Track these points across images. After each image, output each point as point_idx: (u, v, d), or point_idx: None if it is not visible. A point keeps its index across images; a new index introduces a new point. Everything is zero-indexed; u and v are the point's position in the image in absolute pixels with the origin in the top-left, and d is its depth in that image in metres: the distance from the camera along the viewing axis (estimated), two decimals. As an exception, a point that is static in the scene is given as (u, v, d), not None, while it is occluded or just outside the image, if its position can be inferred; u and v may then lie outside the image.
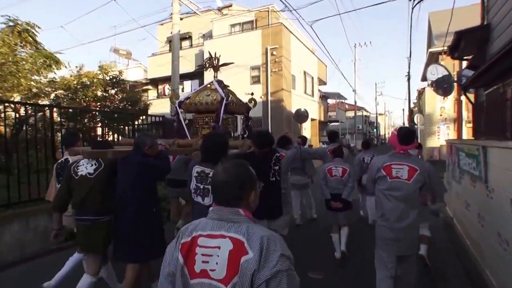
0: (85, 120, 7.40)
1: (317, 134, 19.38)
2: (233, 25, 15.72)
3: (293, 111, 14.26)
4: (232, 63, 4.58)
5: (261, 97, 14.12)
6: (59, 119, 5.54)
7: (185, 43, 17.94)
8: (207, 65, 3.76)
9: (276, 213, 2.70)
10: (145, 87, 19.61)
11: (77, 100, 7.90)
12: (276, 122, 13.83)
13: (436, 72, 6.36)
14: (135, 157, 2.37)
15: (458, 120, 10.48)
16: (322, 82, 21.41)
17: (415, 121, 12.08)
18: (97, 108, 8.06)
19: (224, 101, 3.29)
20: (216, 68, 3.70)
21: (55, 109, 5.42)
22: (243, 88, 15.39)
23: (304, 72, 16.74)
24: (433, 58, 13.62)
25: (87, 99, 7.98)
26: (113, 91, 8.73)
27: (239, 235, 0.94)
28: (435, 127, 13.16)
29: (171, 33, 8.46)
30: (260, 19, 14.95)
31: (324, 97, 23.55)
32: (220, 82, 3.57)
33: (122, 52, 22.53)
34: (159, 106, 17.69)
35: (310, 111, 15.35)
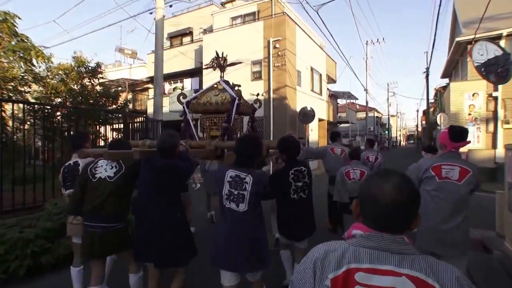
0: (57, 118, 6.39)
1: (325, 135, 18.02)
2: (234, 18, 14.64)
3: (298, 110, 13.03)
4: (240, 62, 5.16)
5: (262, 95, 12.92)
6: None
7: (186, 39, 17.00)
8: (214, 65, 3.61)
9: (305, 232, 2.61)
10: (146, 86, 18.76)
11: (48, 95, 6.87)
12: (278, 122, 12.63)
13: (485, 52, 4.64)
14: (160, 159, 2.22)
15: (493, 120, 9.03)
16: (331, 80, 20.04)
17: (438, 121, 10.61)
18: (67, 105, 7.02)
19: (236, 101, 3.17)
20: (223, 68, 3.58)
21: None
22: (243, 85, 14.13)
23: (311, 68, 15.47)
24: (459, 49, 12.11)
25: (57, 93, 6.96)
26: (90, 86, 7.67)
27: (418, 272, 0.77)
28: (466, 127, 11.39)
29: (154, 18, 7.38)
30: (263, 10, 13.80)
31: (333, 96, 22.17)
32: (227, 82, 3.46)
33: (127, 52, 22.01)
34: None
35: (317, 110, 14.08)
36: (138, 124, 6.85)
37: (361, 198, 0.89)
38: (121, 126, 7.05)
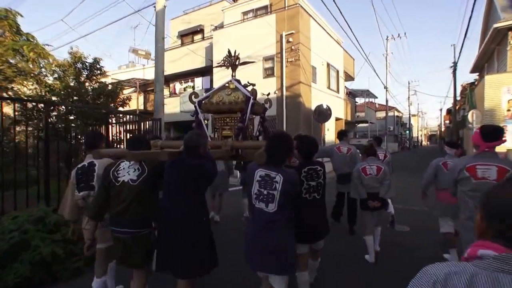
0: (52, 117, 5.93)
1: (342, 135, 17.05)
2: (245, 13, 14.00)
3: (313, 108, 12.20)
4: (252, 62, 5.16)
5: (275, 92, 12.22)
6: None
7: (197, 37, 16.53)
8: (226, 64, 3.55)
9: (320, 234, 2.52)
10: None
11: (42, 93, 6.43)
12: (292, 121, 11.85)
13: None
14: (190, 160, 2.13)
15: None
16: (349, 78, 19.01)
17: (469, 119, 9.47)
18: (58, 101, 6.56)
19: (251, 100, 3.10)
20: (234, 67, 3.54)
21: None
22: (255, 82, 13.44)
23: (328, 64, 14.57)
24: (497, 37, 10.85)
25: (52, 91, 6.50)
26: (87, 83, 7.20)
27: None
28: (500, 126, 10.22)
29: (155, 8, 6.82)
30: (275, 3, 13.08)
31: (351, 94, 21.09)
32: (239, 81, 3.41)
33: (141, 53, 21.95)
34: (171, 106, 16.41)
35: (334, 109, 13.15)
36: (135, 123, 6.28)
37: (491, 210, 0.75)
38: (121, 126, 6.52)
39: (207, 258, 2.16)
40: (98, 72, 7.72)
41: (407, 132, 43.66)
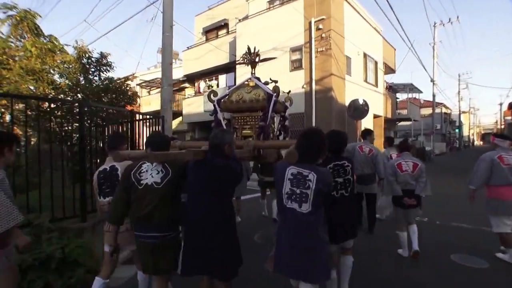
0: (57, 117, 5.36)
1: (381, 135, 15.16)
2: (271, 1, 12.86)
3: (346, 103, 10.73)
4: (273, 58, 4.65)
5: (303, 87, 10.95)
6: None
7: (222, 32, 15.77)
8: (245, 61, 3.45)
9: (350, 233, 2.43)
10: (182, 85, 18.09)
11: (44, 91, 5.92)
12: (322, 119, 10.49)
13: None
14: (217, 160, 2.02)
15: None
16: (389, 70, 16.97)
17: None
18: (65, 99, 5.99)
19: (274, 98, 3.00)
20: (254, 64, 3.45)
21: None
22: (281, 76, 12.38)
23: (364, 54, 12.92)
24: None
25: (55, 89, 5.97)
26: (95, 77, 6.59)
27: None
28: None
29: (160, -9, 5.99)
30: (304, -12, 11.77)
31: (391, 88, 18.92)
32: (258, 79, 3.33)
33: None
34: (196, 105, 15.89)
35: (372, 104, 11.54)
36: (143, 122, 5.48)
37: None
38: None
39: (236, 261, 2.06)
40: (107, 67, 7.12)
41: (457, 130, 39.32)
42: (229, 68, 14.47)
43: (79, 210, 3.76)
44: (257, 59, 3.52)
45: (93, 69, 6.85)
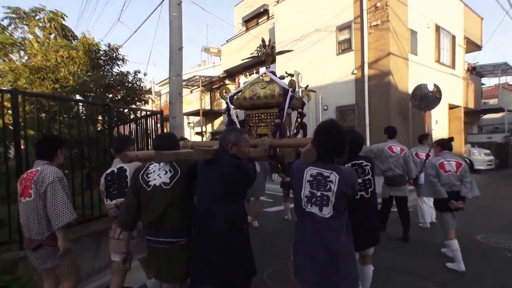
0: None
1: (461, 130, 12.00)
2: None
3: (410, 91, 8.38)
4: (290, 51, 4.42)
5: (353, 73, 8.95)
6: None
7: (262, 20, 14.43)
8: (259, 54, 3.31)
9: (371, 239, 2.31)
10: (222, 82, 17.35)
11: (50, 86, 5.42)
12: (378, 111, 8.39)
13: None
14: (227, 159, 1.91)
15: None
16: (472, 46, 13.37)
17: None
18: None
19: (290, 93, 2.87)
20: (269, 58, 3.26)
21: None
22: (326, 61, 10.45)
23: (437, 27, 10.15)
24: None
25: (63, 87, 5.45)
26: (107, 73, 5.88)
27: None
28: None
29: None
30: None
31: (475, 71, 15.11)
32: (274, 73, 3.15)
33: (213, 51, 21.58)
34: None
35: (446, 91, 8.96)
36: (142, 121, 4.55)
37: None
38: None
39: (250, 269, 1.94)
40: (117, 61, 6.43)
41: None
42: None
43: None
44: (274, 52, 3.35)
45: (102, 63, 6.17)
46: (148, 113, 4.76)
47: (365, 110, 8.55)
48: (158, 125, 4.45)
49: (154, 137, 4.21)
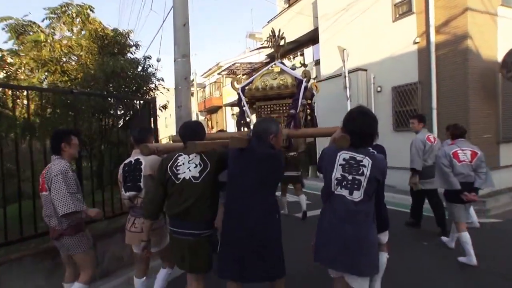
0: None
1: None
2: None
3: (500, 58, 6.14)
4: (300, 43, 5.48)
5: (415, 42, 7.06)
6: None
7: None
8: (269, 45, 3.48)
9: (383, 225, 2.02)
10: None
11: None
12: (450, 89, 6.45)
13: None
14: (262, 149, 1.92)
15: None
16: None
17: None
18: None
19: (304, 83, 2.96)
20: (279, 48, 3.39)
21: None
22: (379, 30, 8.18)
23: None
24: None
25: (71, 80, 5.19)
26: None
27: None
28: None
29: None
30: None
31: None
32: (283, 64, 3.28)
33: (258, 36, 20.64)
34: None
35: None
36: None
37: None
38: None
39: (281, 259, 1.94)
40: (128, 48, 5.94)
41: None
42: (315, 37, 11.50)
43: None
44: (282, 42, 3.42)
45: (115, 50, 5.69)
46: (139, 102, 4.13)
47: (431, 90, 6.64)
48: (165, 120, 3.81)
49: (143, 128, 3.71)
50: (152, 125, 3.85)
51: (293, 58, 13.79)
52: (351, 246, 1.71)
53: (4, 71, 5.09)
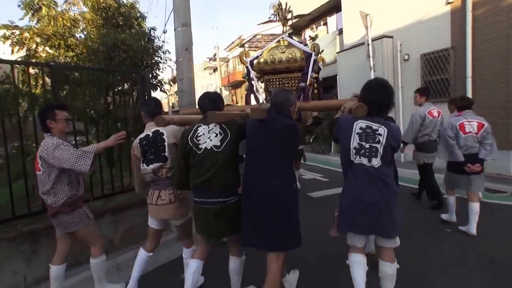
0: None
1: None
2: None
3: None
4: (307, 15, 5.09)
5: (448, 2, 6.27)
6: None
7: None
8: (276, 19, 3.45)
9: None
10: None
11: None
12: (488, 55, 5.71)
13: None
14: (284, 120, 1.93)
15: None
16: None
17: None
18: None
19: (313, 57, 3.00)
20: (286, 21, 3.42)
21: None
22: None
23: None
24: None
25: (76, 55, 5.11)
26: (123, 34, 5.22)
27: None
28: None
29: None
30: None
31: None
32: (291, 37, 3.28)
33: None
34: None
35: None
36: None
37: None
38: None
39: (297, 228, 1.99)
40: (139, 20, 5.81)
41: None
42: (338, 5, 10.66)
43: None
44: (289, 16, 3.47)
45: (114, 22, 5.50)
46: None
47: (466, 56, 5.94)
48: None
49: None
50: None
51: (316, 28, 12.98)
52: (376, 209, 1.80)
53: (25, 49, 5.11)
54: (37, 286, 2.40)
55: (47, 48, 5.16)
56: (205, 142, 1.98)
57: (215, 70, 24.62)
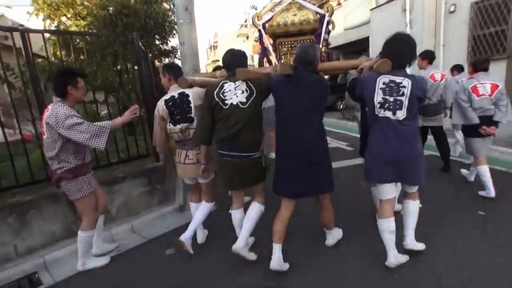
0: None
1: None
2: None
3: None
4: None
5: None
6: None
7: None
8: None
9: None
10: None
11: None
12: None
13: None
14: (312, 75, 2.00)
15: None
16: None
17: None
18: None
19: (327, 18, 3.04)
20: None
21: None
22: None
23: None
24: None
25: (89, 23, 4.99)
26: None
27: None
28: None
29: None
30: None
31: None
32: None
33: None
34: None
35: None
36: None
37: None
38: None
39: (331, 175, 2.12)
40: None
41: None
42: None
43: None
44: None
45: None
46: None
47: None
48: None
49: None
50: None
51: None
52: (402, 158, 1.89)
53: (57, 21, 5.14)
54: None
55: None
56: (231, 98, 2.04)
57: (248, 37, 23.82)
